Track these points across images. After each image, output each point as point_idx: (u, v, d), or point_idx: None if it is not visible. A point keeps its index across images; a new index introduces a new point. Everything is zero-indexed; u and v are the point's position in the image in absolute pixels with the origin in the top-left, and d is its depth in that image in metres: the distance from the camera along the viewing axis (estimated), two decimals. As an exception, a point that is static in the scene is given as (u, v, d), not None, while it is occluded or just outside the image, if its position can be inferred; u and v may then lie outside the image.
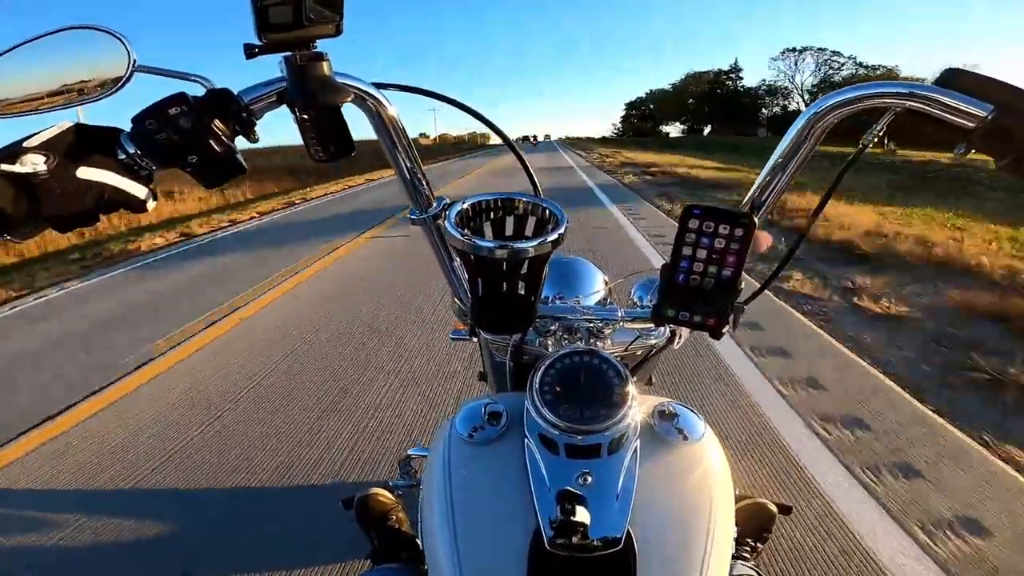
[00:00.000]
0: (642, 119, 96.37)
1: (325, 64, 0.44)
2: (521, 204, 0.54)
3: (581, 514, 0.41)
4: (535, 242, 0.48)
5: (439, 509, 0.48)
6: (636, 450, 0.48)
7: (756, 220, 0.49)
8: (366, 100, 0.50)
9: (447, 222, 0.51)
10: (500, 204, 0.54)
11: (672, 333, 0.66)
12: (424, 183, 0.58)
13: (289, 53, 0.43)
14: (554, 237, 0.49)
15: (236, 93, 0.44)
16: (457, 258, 0.61)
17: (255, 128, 0.45)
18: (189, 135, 0.41)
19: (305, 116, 0.46)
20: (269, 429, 2.07)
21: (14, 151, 0.37)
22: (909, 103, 0.44)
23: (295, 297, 3.83)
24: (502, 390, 0.78)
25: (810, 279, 3.51)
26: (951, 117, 0.42)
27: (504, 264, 0.49)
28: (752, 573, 0.65)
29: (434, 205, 0.58)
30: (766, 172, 0.52)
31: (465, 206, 0.53)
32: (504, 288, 0.51)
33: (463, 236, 0.49)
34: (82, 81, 0.52)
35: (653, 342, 0.68)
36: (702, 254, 0.49)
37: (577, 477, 0.45)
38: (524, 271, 0.50)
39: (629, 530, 0.43)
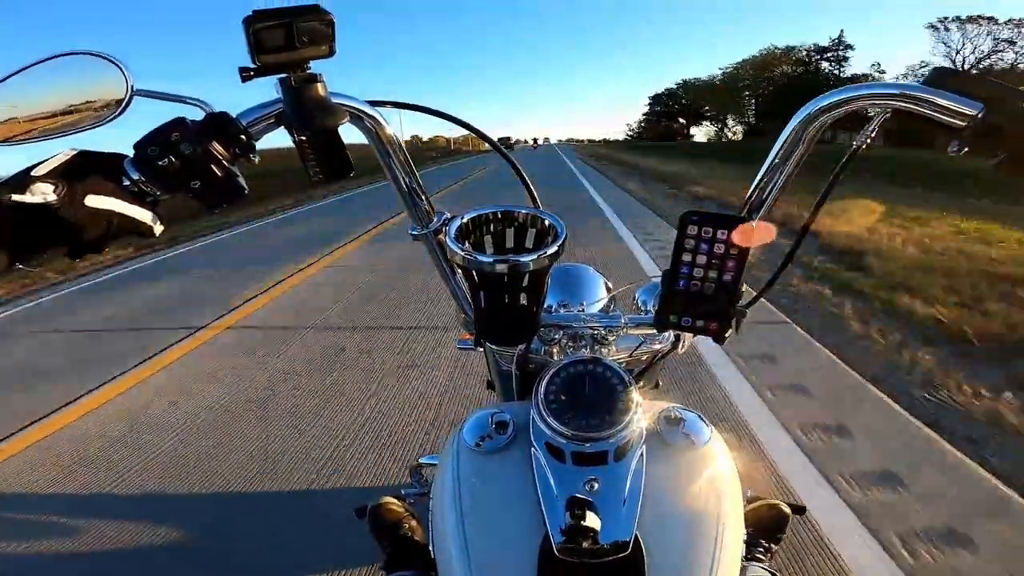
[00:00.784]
0: (668, 116, 79.11)
1: (320, 85, 0.45)
2: (520, 216, 0.55)
3: (590, 519, 0.41)
4: (534, 255, 0.48)
5: (450, 518, 0.48)
6: (643, 455, 0.49)
7: (754, 223, 0.49)
8: (363, 119, 0.50)
9: (448, 237, 0.52)
10: (500, 216, 0.55)
11: (676, 338, 0.66)
12: (423, 198, 0.58)
13: (284, 75, 0.44)
14: (553, 250, 0.49)
15: (235, 116, 0.44)
16: (459, 271, 0.61)
17: (255, 151, 0.45)
18: (191, 160, 0.41)
19: (303, 138, 0.46)
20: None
21: (22, 180, 0.37)
22: (900, 104, 0.44)
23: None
24: (509, 398, 0.78)
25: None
26: (942, 117, 0.42)
27: (505, 277, 0.49)
28: (766, 574, 0.65)
29: (434, 220, 0.58)
30: (762, 174, 0.53)
31: (465, 220, 0.54)
32: (507, 300, 0.51)
33: (464, 251, 0.49)
34: (81, 107, 0.52)
35: (658, 347, 0.68)
36: (702, 260, 0.49)
37: (584, 484, 0.46)
38: (526, 283, 0.50)
39: (637, 535, 0.44)
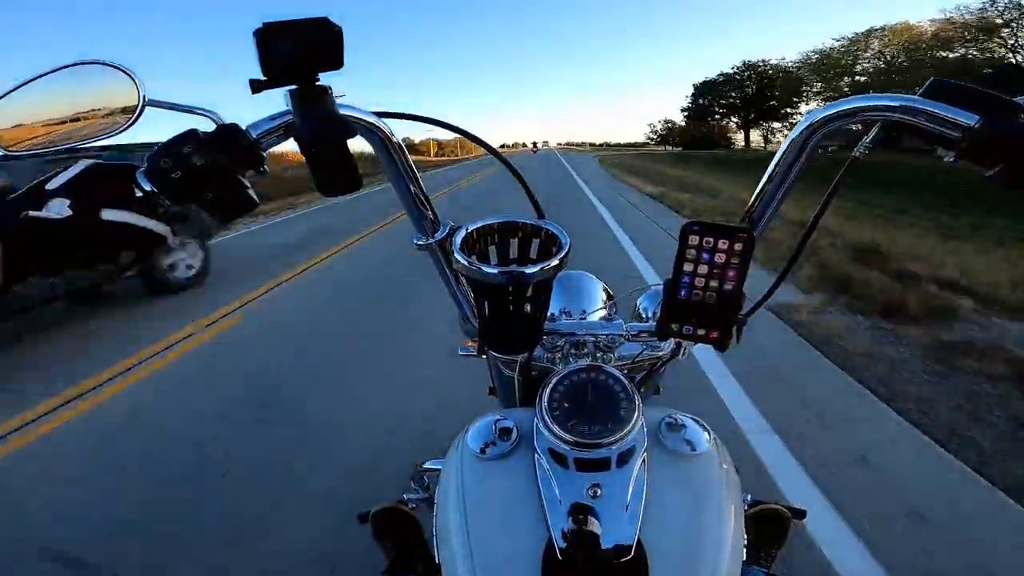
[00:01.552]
0: (713, 114, 61.33)
1: (328, 97, 0.45)
2: (525, 227, 0.55)
3: (593, 525, 0.42)
4: (539, 267, 0.49)
5: (454, 524, 0.49)
6: (644, 461, 0.49)
7: (755, 234, 0.50)
8: (371, 131, 0.51)
9: (453, 247, 0.52)
10: (504, 227, 0.55)
11: (678, 345, 0.66)
12: (429, 208, 0.58)
13: (293, 87, 0.44)
14: (556, 262, 0.49)
15: (245, 128, 0.45)
16: (463, 280, 0.62)
17: (264, 162, 0.46)
18: (202, 172, 0.41)
19: (313, 150, 0.47)
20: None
21: (38, 196, 0.37)
22: (897, 115, 0.44)
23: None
24: (511, 405, 0.79)
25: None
26: (938, 128, 0.43)
27: (510, 288, 0.50)
28: None
29: (440, 230, 0.59)
30: (762, 185, 0.53)
31: (470, 230, 0.54)
32: (511, 310, 0.51)
33: (469, 262, 0.50)
34: (93, 116, 0.53)
35: (659, 354, 0.68)
36: (703, 269, 0.50)
37: (587, 490, 0.46)
38: (530, 294, 0.51)
39: (640, 540, 0.44)
